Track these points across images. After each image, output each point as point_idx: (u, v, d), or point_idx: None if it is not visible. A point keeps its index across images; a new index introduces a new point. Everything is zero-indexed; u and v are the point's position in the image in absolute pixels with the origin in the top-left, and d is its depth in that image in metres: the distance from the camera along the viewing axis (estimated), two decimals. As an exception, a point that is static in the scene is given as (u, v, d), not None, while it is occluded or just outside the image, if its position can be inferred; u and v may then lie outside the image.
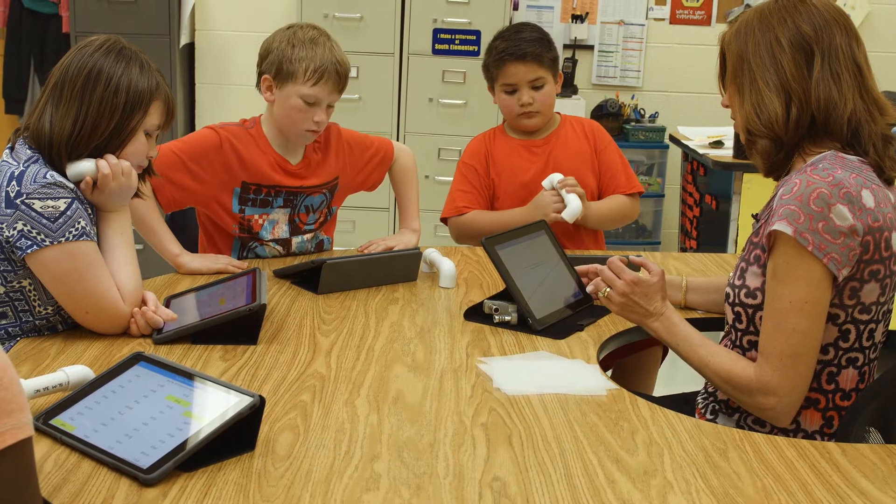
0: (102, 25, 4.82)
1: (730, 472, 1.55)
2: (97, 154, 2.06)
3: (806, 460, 1.60)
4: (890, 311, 1.88)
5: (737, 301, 1.91)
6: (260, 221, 2.66)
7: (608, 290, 2.08)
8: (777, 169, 1.91)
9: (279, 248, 2.71)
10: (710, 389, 2.03)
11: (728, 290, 1.95)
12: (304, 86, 2.54)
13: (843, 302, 1.81)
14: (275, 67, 2.57)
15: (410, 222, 2.89)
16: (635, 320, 2.07)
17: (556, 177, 2.84)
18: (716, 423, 1.93)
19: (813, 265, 1.75)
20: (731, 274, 1.97)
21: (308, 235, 2.74)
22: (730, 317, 1.95)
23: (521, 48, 2.92)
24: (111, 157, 2.06)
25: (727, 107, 1.98)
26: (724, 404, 1.98)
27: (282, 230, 2.69)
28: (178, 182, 2.56)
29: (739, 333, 1.93)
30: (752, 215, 2.00)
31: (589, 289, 2.22)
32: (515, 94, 2.96)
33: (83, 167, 2.03)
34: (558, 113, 3.10)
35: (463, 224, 3.02)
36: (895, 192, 1.88)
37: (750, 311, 1.89)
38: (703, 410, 2.02)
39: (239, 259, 2.66)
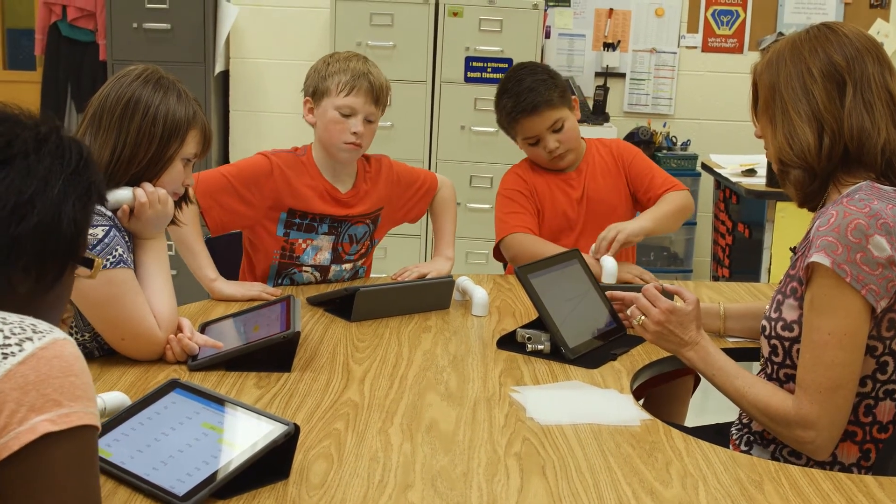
0: (139, 54, 4.88)
1: (766, 505, 1.54)
2: (134, 182, 2.09)
3: (843, 493, 1.59)
4: None
5: (773, 334, 1.90)
6: (303, 246, 2.68)
7: (643, 318, 2.07)
8: (811, 199, 1.91)
9: (317, 273, 2.72)
10: (744, 420, 2.01)
11: (764, 322, 1.94)
12: (337, 97, 2.59)
13: (882, 334, 1.79)
14: (312, 88, 2.64)
15: (444, 250, 2.90)
16: (670, 349, 2.06)
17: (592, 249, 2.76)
18: (750, 454, 1.92)
19: (852, 297, 1.74)
20: (768, 307, 1.95)
21: (348, 266, 2.76)
22: (766, 350, 1.94)
23: (529, 102, 2.86)
24: (148, 186, 2.09)
25: (760, 137, 1.97)
26: (758, 436, 1.96)
27: (324, 257, 2.70)
28: (227, 206, 2.59)
29: (776, 366, 1.92)
30: (791, 248, 1.99)
31: (623, 316, 2.20)
32: (540, 143, 2.94)
33: (121, 195, 2.06)
34: (584, 139, 3.07)
35: (523, 242, 2.90)
36: None
37: (787, 343, 1.88)
38: (737, 442, 2.00)
39: (274, 286, 2.67)
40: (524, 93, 2.87)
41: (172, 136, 2.10)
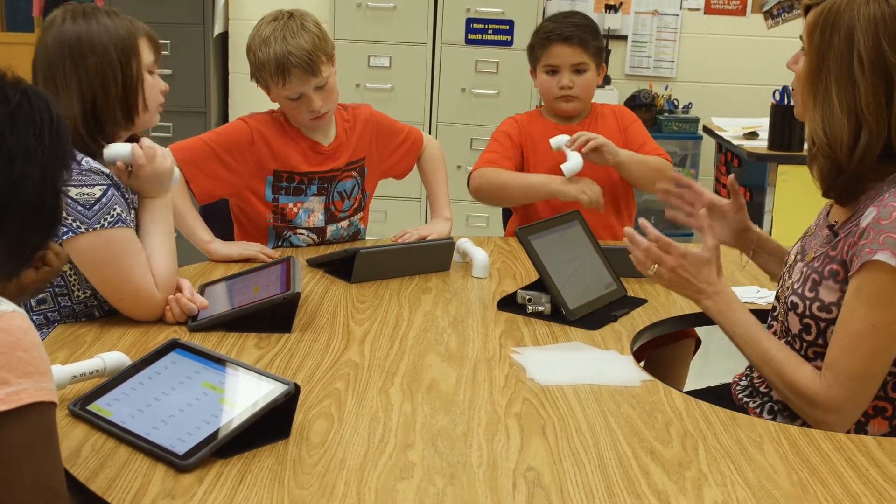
0: (137, 14, 4.70)
1: (765, 465, 1.54)
2: (129, 118, 2.08)
3: (842, 454, 1.59)
4: None
5: (808, 313, 1.83)
6: (294, 210, 2.67)
7: (656, 266, 1.98)
8: (835, 191, 1.83)
9: (314, 236, 2.72)
10: (743, 383, 2.00)
11: (796, 299, 1.86)
12: (277, 88, 2.57)
13: None
14: (254, 77, 2.63)
15: (442, 211, 2.89)
16: (688, 297, 1.98)
17: (562, 138, 2.82)
18: (750, 408, 1.91)
19: None
20: (795, 281, 1.89)
21: (343, 223, 2.75)
22: (795, 326, 1.87)
23: (567, 30, 2.94)
24: (145, 141, 2.08)
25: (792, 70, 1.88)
26: (782, 405, 1.92)
27: (317, 219, 2.70)
28: (212, 173, 2.57)
29: (805, 344, 1.85)
30: (828, 226, 1.90)
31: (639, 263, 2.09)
32: (556, 75, 2.97)
33: (115, 151, 2.05)
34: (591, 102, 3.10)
35: (487, 175, 2.94)
36: None
37: (822, 324, 1.82)
38: (757, 410, 1.96)
39: (274, 248, 2.67)
40: (568, 24, 2.96)
41: (130, 55, 2.07)
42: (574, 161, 2.78)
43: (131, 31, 2.09)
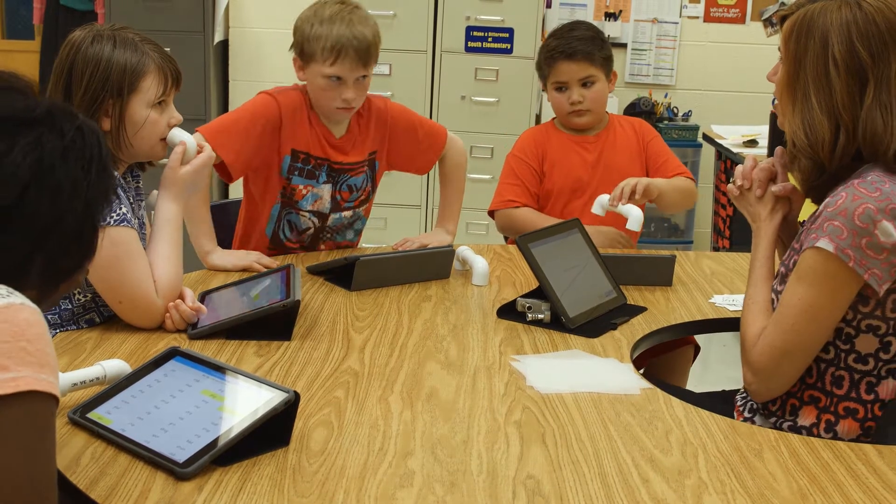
0: (137, 22, 4.80)
1: (765, 473, 1.54)
2: (116, 146, 2.09)
3: (842, 462, 1.59)
4: None
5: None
6: (304, 192, 2.67)
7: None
8: (817, 191, 1.86)
9: (315, 220, 2.72)
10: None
11: (773, 295, 1.93)
12: (324, 65, 2.56)
13: (886, 314, 1.79)
14: (299, 48, 2.61)
15: (447, 223, 2.89)
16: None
17: (604, 198, 2.78)
18: (753, 422, 1.93)
19: (850, 279, 1.74)
20: (774, 279, 1.95)
21: (347, 213, 2.76)
22: None
23: (571, 46, 2.95)
24: (207, 147, 2.13)
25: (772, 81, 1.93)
26: (762, 406, 1.96)
27: (323, 205, 2.70)
28: (245, 149, 2.58)
29: None
30: (799, 222, 1.96)
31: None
32: (566, 91, 2.98)
33: (178, 135, 2.10)
34: (607, 113, 3.12)
35: (515, 218, 3.00)
36: None
37: None
38: (741, 409, 2.01)
39: (273, 231, 2.69)
40: (571, 39, 2.97)
41: (123, 88, 2.06)
42: (634, 216, 2.68)
43: (137, 65, 2.08)
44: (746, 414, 1.99)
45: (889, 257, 1.73)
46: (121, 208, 2.00)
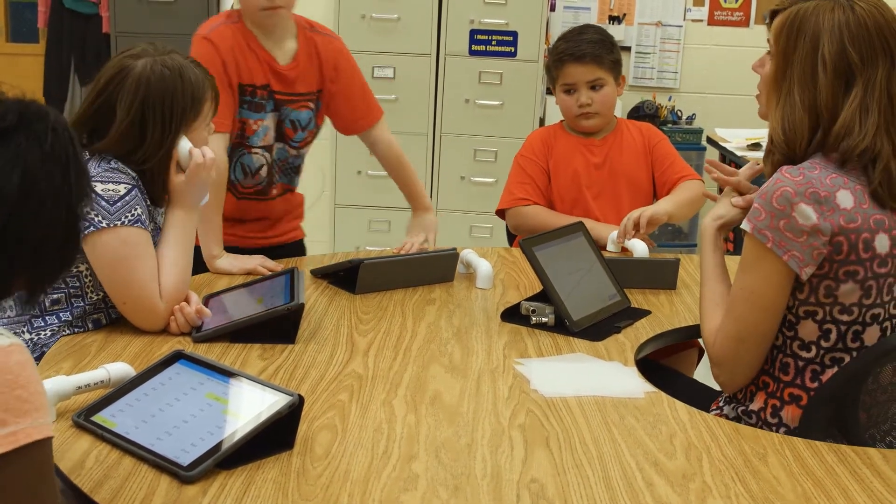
0: (142, 26, 4.86)
1: (769, 477, 1.54)
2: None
3: (846, 465, 1.59)
4: (888, 316, 1.86)
5: None
6: (254, 127, 2.67)
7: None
8: None
9: (267, 155, 2.72)
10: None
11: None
12: None
13: (819, 300, 1.82)
14: None
15: (423, 201, 2.93)
16: None
17: (614, 235, 2.80)
18: (721, 410, 1.99)
19: (772, 261, 1.79)
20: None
21: (293, 151, 2.77)
22: None
23: (580, 49, 2.96)
24: (207, 150, 2.12)
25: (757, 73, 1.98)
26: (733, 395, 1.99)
27: (271, 136, 2.71)
28: (224, 110, 2.53)
29: None
30: None
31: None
32: (574, 94, 2.99)
33: (184, 144, 2.10)
34: (616, 117, 3.13)
35: (526, 215, 3.00)
36: None
37: None
38: (719, 401, 2.04)
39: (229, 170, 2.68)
40: (580, 41, 2.99)
41: (198, 111, 2.12)
42: (639, 251, 2.71)
43: (198, 92, 2.11)
44: (721, 404, 2.02)
45: (809, 240, 1.76)
46: (136, 209, 2.01)
